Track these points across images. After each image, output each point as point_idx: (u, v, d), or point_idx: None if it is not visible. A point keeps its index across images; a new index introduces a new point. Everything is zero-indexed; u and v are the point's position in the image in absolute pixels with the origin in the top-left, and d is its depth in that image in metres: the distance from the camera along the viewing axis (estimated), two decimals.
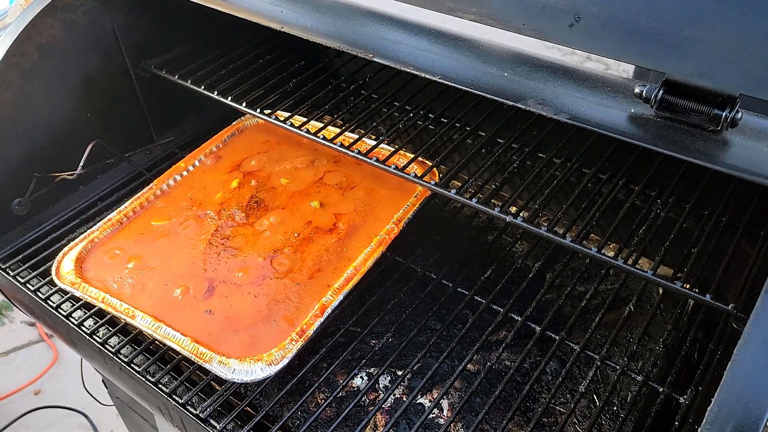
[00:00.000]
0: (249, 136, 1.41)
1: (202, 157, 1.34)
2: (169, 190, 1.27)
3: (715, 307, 0.86)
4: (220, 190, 1.27)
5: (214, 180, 1.30)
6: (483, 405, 1.02)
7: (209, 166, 1.33)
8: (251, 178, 1.30)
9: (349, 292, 1.05)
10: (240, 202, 1.24)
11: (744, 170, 0.71)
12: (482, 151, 1.30)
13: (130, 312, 1.02)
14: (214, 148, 1.36)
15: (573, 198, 1.08)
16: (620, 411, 1.02)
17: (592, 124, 0.79)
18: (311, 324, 1.00)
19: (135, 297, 1.06)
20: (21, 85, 1.20)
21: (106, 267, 1.11)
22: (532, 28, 0.81)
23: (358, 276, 1.07)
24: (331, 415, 1.02)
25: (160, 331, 0.99)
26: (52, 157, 1.27)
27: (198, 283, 1.09)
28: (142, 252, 1.15)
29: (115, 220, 1.19)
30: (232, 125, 1.42)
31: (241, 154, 1.36)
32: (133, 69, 1.37)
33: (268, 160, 1.34)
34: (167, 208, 1.23)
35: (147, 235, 1.18)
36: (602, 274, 1.17)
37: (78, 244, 1.13)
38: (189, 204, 1.24)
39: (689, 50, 0.72)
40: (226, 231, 1.18)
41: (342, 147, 1.11)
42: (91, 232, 1.16)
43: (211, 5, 1.13)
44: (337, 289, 1.04)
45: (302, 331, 0.99)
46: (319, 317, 1.00)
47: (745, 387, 0.62)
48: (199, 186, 1.28)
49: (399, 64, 0.94)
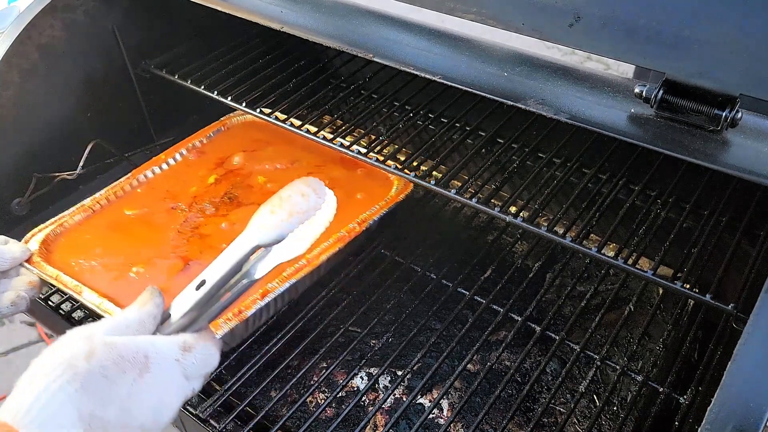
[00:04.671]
0: (236, 133, 1.42)
1: (183, 151, 1.34)
2: (147, 182, 1.27)
3: (715, 307, 0.86)
4: (196, 185, 1.29)
5: (193, 174, 1.31)
6: (483, 405, 1.02)
7: (191, 160, 1.34)
8: (231, 175, 1.31)
9: (296, 281, 1.05)
10: (213, 197, 1.26)
11: (744, 170, 0.71)
12: (482, 151, 1.30)
13: (78, 288, 1.02)
14: (197, 143, 1.37)
15: (573, 198, 1.08)
16: (620, 411, 1.02)
17: (592, 124, 0.79)
18: (249, 306, 1.00)
19: (94, 278, 1.07)
20: (21, 85, 1.20)
21: (71, 250, 1.12)
22: (532, 28, 0.81)
23: (308, 267, 1.06)
24: (331, 415, 1.02)
25: (103, 305, 0.99)
26: (52, 157, 1.27)
27: (156, 267, 1.10)
28: (109, 238, 1.15)
29: (88, 206, 1.19)
30: (218, 121, 1.42)
31: (225, 151, 1.37)
32: (133, 69, 1.37)
33: (251, 159, 1.35)
34: (142, 199, 1.24)
35: (118, 223, 1.18)
36: (602, 274, 1.17)
37: (47, 227, 1.13)
38: (164, 196, 1.25)
39: (689, 50, 0.72)
40: (195, 221, 1.20)
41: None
42: (61, 216, 1.16)
43: (211, 5, 1.13)
44: (284, 278, 1.04)
45: (239, 312, 0.99)
46: (259, 301, 1.01)
47: (745, 387, 0.62)
48: (176, 179, 1.29)
49: (399, 64, 0.94)
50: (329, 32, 1.02)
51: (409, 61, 0.94)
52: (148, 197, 1.24)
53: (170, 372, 0.63)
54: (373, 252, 1.22)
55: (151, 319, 0.68)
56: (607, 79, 0.85)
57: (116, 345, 0.61)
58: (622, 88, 0.82)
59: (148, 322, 0.67)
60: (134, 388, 0.59)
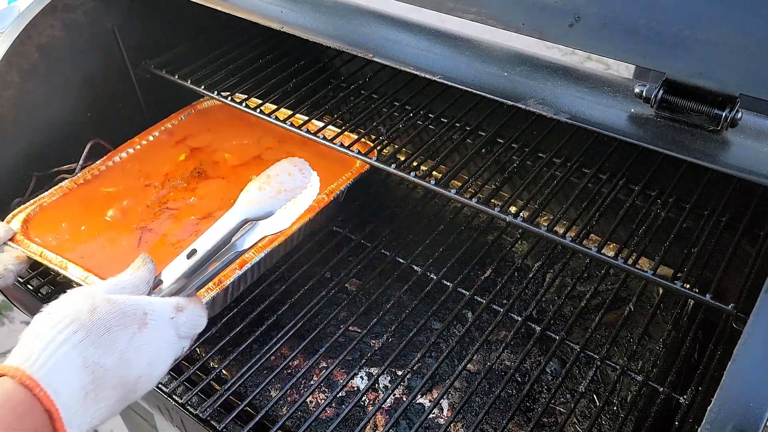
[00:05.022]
0: (206, 115, 1.46)
1: (156, 133, 1.39)
2: (122, 162, 1.32)
3: (715, 307, 0.86)
4: (168, 164, 1.34)
5: (165, 154, 1.36)
6: (483, 405, 1.02)
7: (164, 141, 1.39)
8: (198, 152, 1.37)
9: (271, 250, 1.10)
10: (183, 173, 1.31)
11: (744, 170, 0.71)
12: (482, 151, 1.30)
13: (63, 264, 1.06)
14: (169, 126, 1.41)
15: (573, 198, 1.08)
16: (620, 411, 1.02)
17: (592, 124, 0.79)
18: (229, 276, 1.05)
19: (72, 251, 1.11)
20: (21, 85, 1.20)
21: (49, 227, 1.16)
22: (532, 28, 0.81)
23: (282, 237, 1.12)
24: (331, 415, 1.02)
25: (88, 280, 1.03)
26: (51, 157, 1.27)
27: (130, 238, 1.16)
28: (85, 214, 1.20)
29: (66, 187, 1.23)
30: (190, 105, 1.45)
31: (192, 130, 1.42)
32: (133, 69, 1.37)
33: (216, 138, 1.40)
34: (117, 178, 1.29)
35: (93, 201, 1.23)
36: (602, 274, 1.17)
37: (27, 207, 1.17)
38: (138, 175, 1.30)
39: (689, 50, 0.72)
40: (166, 196, 1.26)
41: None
42: (41, 197, 1.20)
43: (211, 5, 1.13)
44: (260, 248, 1.09)
45: (219, 282, 1.04)
46: (238, 270, 1.06)
47: (745, 387, 0.62)
48: (150, 159, 1.34)
49: (399, 64, 0.94)
50: (329, 32, 1.02)
51: (409, 61, 0.94)
52: (123, 176, 1.30)
53: (165, 329, 0.68)
54: (373, 252, 1.22)
55: (144, 283, 0.72)
56: (607, 79, 0.85)
57: (117, 301, 0.65)
58: (622, 88, 0.82)
59: (141, 286, 0.71)
60: (133, 341, 0.64)
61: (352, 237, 1.26)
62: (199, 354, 1.10)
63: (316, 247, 1.23)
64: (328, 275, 1.21)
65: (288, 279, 1.16)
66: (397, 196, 1.40)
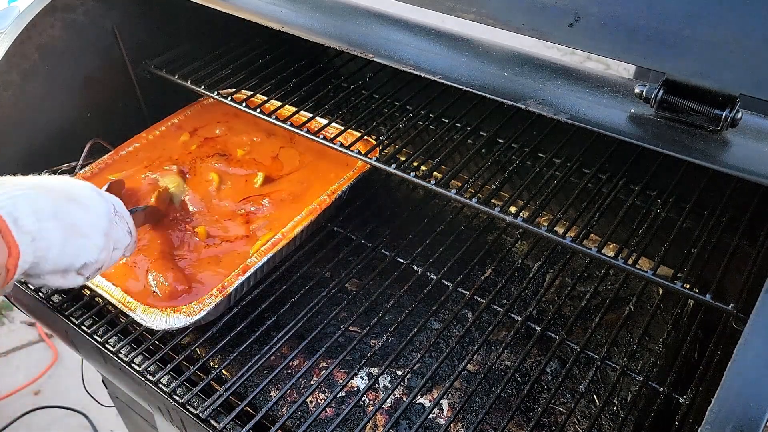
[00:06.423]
0: (212, 109, 1.47)
1: (163, 128, 1.40)
2: (128, 155, 1.33)
3: (715, 307, 0.86)
4: (177, 153, 1.36)
5: (173, 145, 1.38)
6: (483, 405, 1.02)
7: (172, 133, 1.40)
8: (211, 142, 1.38)
9: (274, 254, 1.11)
10: (198, 156, 1.34)
11: (744, 170, 0.71)
12: (482, 151, 1.30)
13: None
14: (176, 120, 1.42)
15: (573, 198, 1.08)
16: (620, 411, 1.02)
17: (592, 124, 0.79)
18: (232, 282, 1.06)
19: None
20: (21, 85, 1.20)
21: None
22: (532, 28, 0.81)
23: (284, 241, 1.13)
24: (331, 415, 1.02)
25: (95, 280, 1.05)
26: (51, 156, 1.27)
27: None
28: None
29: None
30: (197, 101, 1.46)
31: (202, 123, 1.43)
32: (133, 69, 1.37)
33: (228, 131, 1.41)
34: (124, 167, 1.31)
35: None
36: (602, 274, 1.16)
37: None
38: (146, 163, 1.32)
39: (689, 50, 0.72)
40: None
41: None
42: None
43: (211, 5, 1.13)
44: (262, 252, 1.10)
45: (222, 288, 1.05)
46: (241, 276, 1.07)
47: (745, 387, 0.62)
48: (157, 150, 1.36)
49: (399, 64, 0.94)
50: (329, 32, 1.02)
51: (409, 61, 0.94)
52: (131, 166, 1.31)
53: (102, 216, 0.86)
54: (373, 252, 1.22)
55: None
56: (607, 79, 0.85)
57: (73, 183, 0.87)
58: (622, 88, 0.82)
59: None
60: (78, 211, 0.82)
61: (352, 237, 1.26)
62: (199, 354, 1.10)
63: (317, 247, 1.23)
64: (329, 275, 1.21)
65: (288, 279, 1.16)
66: (397, 196, 1.40)
